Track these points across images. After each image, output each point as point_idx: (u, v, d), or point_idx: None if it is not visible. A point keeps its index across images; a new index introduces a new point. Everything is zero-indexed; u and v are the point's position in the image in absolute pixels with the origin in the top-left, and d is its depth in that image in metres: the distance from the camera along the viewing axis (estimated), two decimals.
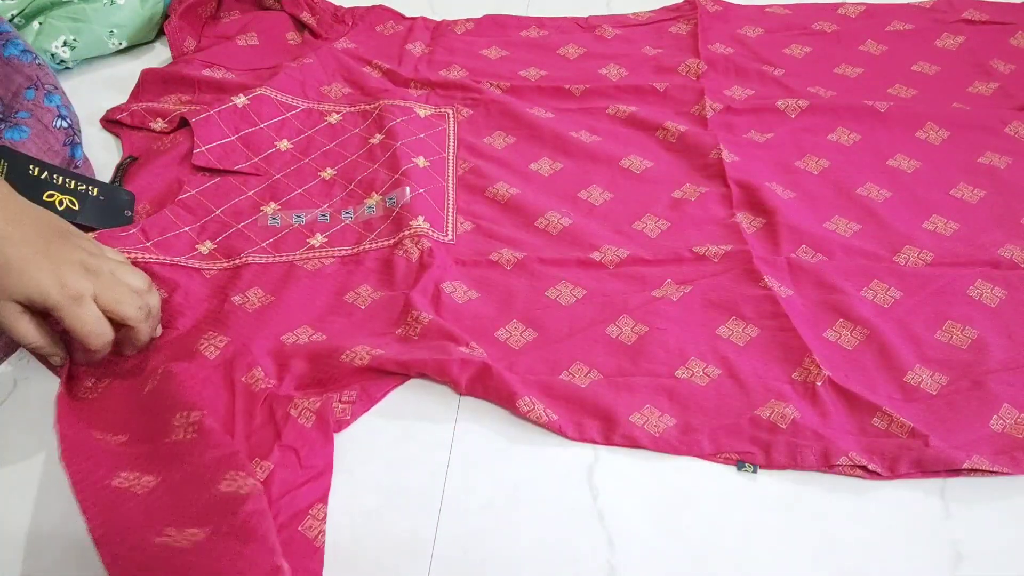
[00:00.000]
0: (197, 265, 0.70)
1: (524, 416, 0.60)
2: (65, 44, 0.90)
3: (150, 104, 0.84)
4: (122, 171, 0.77)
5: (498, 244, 0.73)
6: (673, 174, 0.80)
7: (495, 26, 0.99)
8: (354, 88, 0.90)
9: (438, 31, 0.98)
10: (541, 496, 0.57)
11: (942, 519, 0.55)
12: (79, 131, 0.77)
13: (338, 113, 0.86)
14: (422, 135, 0.82)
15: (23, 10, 0.87)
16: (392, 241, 0.72)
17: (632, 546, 0.54)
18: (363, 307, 0.68)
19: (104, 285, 0.57)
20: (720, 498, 0.57)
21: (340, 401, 0.61)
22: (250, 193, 0.77)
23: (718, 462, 0.58)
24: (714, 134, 0.82)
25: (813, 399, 0.60)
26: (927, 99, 0.87)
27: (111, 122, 0.84)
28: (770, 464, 0.57)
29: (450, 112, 0.87)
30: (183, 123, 0.82)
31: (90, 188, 0.70)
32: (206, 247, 0.72)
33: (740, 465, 0.58)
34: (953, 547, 0.54)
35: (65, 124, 0.75)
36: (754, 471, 0.57)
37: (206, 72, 0.88)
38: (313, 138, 0.84)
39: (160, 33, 0.97)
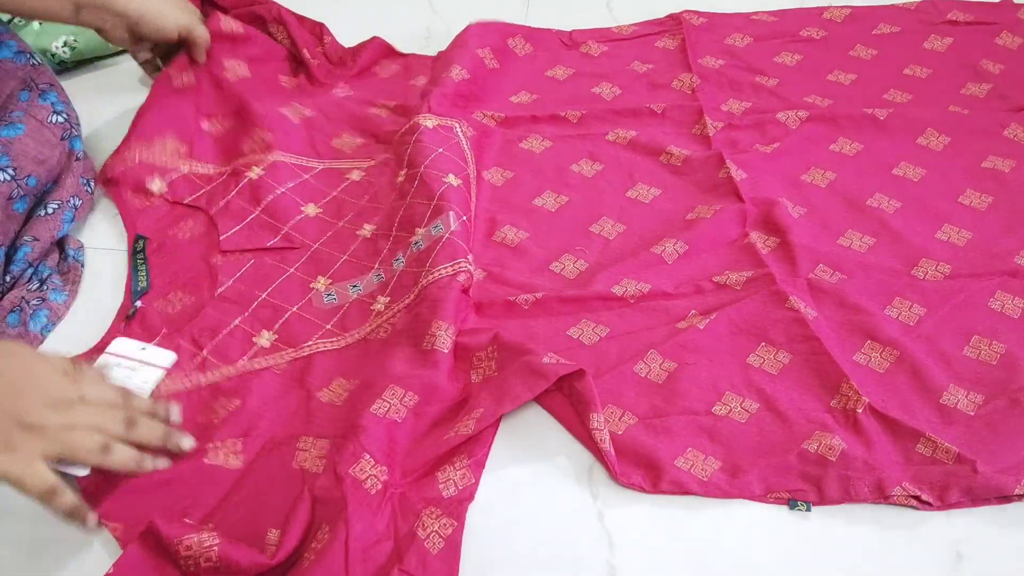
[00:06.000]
0: (263, 364, 0.66)
1: (591, 432, 0.59)
2: (65, 44, 0.91)
3: (144, 154, 0.79)
4: (143, 261, 0.73)
5: (513, 290, 0.71)
6: (683, 198, 0.79)
7: (483, 34, 0.94)
8: (367, 137, 0.86)
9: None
10: (541, 496, 0.58)
11: (942, 519, 0.56)
12: (77, 124, 0.76)
13: (360, 170, 0.82)
14: (440, 149, 0.78)
15: None
16: (451, 269, 0.68)
17: (632, 546, 0.55)
18: (445, 350, 0.64)
19: (54, 443, 0.53)
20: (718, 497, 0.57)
21: (455, 468, 0.58)
22: (292, 270, 0.73)
23: (769, 502, 0.57)
24: (719, 153, 0.81)
25: (856, 428, 0.60)
26: (923, 103, 0.87)
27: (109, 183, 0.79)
28: (823, 500, 0.57)
29: (456, 124, 0.83)
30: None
31: None
32: (265, 339, 0.68)
33: (792, 504, 0.57)
34: (953, 547, 0.55)
35: (61, 119, 0.74)
36: (807, 509, 0.57)
37: (204, 125, 0.84)
38: (342, 199, 0.79)
39: None
